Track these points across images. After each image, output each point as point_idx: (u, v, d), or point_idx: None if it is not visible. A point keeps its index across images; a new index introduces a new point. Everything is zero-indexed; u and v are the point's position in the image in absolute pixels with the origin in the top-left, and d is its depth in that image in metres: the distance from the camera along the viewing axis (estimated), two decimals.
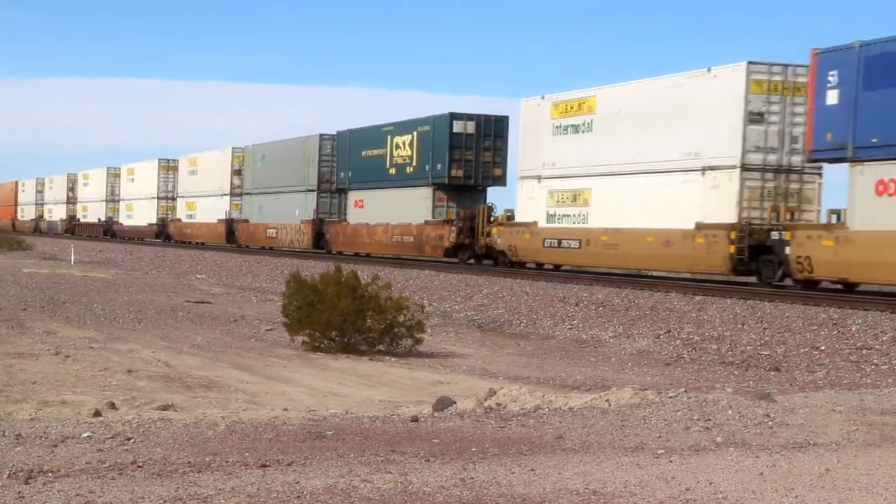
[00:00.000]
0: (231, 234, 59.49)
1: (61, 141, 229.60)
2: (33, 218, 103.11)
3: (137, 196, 77.17)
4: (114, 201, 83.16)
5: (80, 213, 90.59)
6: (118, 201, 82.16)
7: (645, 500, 6.47)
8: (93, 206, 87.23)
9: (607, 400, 10.38)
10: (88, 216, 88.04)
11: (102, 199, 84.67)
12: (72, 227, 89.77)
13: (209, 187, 63.39)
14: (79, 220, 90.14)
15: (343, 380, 15.05)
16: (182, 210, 68.73)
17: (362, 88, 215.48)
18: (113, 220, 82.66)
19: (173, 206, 71.24)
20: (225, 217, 60.41)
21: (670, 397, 10.11)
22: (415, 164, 42.05)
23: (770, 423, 8.96)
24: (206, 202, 63.72)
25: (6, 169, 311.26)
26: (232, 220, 59.57)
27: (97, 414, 9.93)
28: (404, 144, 42.97)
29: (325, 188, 49.77)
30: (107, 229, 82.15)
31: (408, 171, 42.57)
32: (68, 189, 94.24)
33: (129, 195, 79.21)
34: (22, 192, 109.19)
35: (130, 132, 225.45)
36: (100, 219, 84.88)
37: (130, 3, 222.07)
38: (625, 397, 10.38)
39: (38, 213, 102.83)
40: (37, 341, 17.45)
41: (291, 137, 53.80)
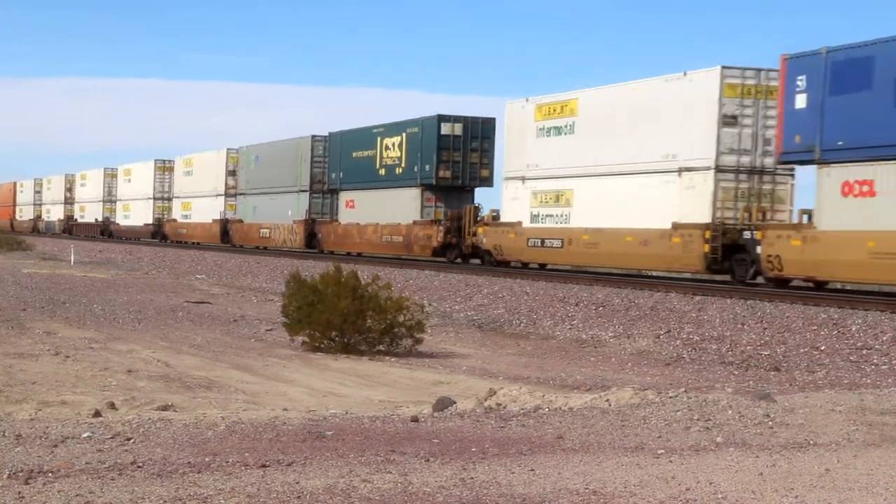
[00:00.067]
0: (226, 234, 59.92)
1: (60, 141, 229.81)
2: (31, 218, 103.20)
3: (134, 196, 77.40)
4: (111, 202, 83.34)
5: (78, 214, 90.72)
6: (115, 202, 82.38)
7: (645, 500, 6.47)
8: (90, 206, 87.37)
9: (607, 400, 10.38)
10: (86, 216, 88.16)
11: (99, 200, 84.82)
12: (69, 228, 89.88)
13: (204, 188, 63.71)
14: (76, 220, 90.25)
15: (343, 380, 15.04)
16: (178, 210, 68.98)
17: (361, 88, 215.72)
18: (110, 220, 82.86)
19: (169, 207, 71.49)
20: (220, 217, 60.76)
21: (670, 397, 10.10)
22: (404, 165, 42.44)
23: (770, 423, 8.96)
24: (202, 202, 64.06)
25: (5, 169, 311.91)
26: (226, 221, 59.94)
27: (97, 414, 9.93)
28: (394, 146, 43.34)
29: (317, 189, 50.10)
30: (104, 229, 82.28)
31: (397, 171, 42.96)
32: (66, 189, 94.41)
33: (126, 196, 79.46)
34: (20, 192, 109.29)
35: (130, 132, 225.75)
36: (97, 219, 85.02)
37: (130, 3, 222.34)
38: (625, 397, 10.38)
39: (36, 214, 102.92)
40: (37, 341, 17.44)
41: (284, 139, 54.27)
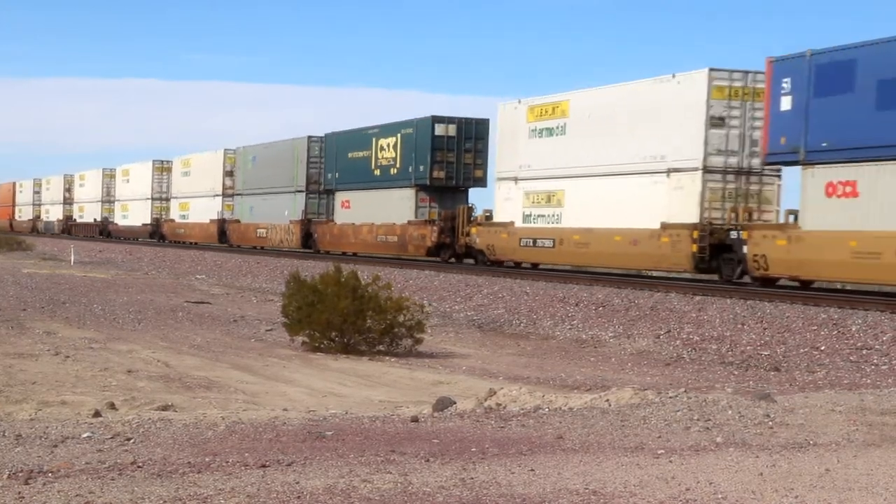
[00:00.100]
0: (223, 234, 60.20)
1: (60, 141, 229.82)
2: (31, 218, 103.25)
3: (132, 197, 77.54)
4: (109, 202, 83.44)
5: (77, 214, 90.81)
6: (114, 202, 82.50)
7: (645, 500, 6.47)
8: (89, 206, 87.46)
9: (607, 400, 10.38)
10: (85, 216, 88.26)
11: (98, 200, 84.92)
12: (68, 228, 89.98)
13: (202, 188, 63.90)
14: (75, 220, 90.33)
15: (343, 380, 15.03)
16: (175, 210, 69.18)
17: (361, 89, 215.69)
18: (108, 220, 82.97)
19: (167, 207, 71.72)
20: (217, 217, 60.96)
21: (670, 397, 10.10)
22: (398, 165, 42.67)
23: (770, 423, 8.95)
24: (199, 203, 64.26)
25: (4, 169, 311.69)
26: (224, 221, 60.16)
27: (97, 414, 9.92)
28: (388, 146, 43.57)
29: (313, 189, 50.32)
30: (102, 229, 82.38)
31: (392, 172, 43.18)
32: (65, 190, 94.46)
33: (125, 196, 79.60)
34: (19, 192, 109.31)
35: (129, 132, 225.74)
36: (96, 219, 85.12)
37: (130, 3, 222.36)
38: (625, 397, 10.38)
39: (35, 214, 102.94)
40: (37, 342, 17.43)
41: (281, 139, 54.54)
